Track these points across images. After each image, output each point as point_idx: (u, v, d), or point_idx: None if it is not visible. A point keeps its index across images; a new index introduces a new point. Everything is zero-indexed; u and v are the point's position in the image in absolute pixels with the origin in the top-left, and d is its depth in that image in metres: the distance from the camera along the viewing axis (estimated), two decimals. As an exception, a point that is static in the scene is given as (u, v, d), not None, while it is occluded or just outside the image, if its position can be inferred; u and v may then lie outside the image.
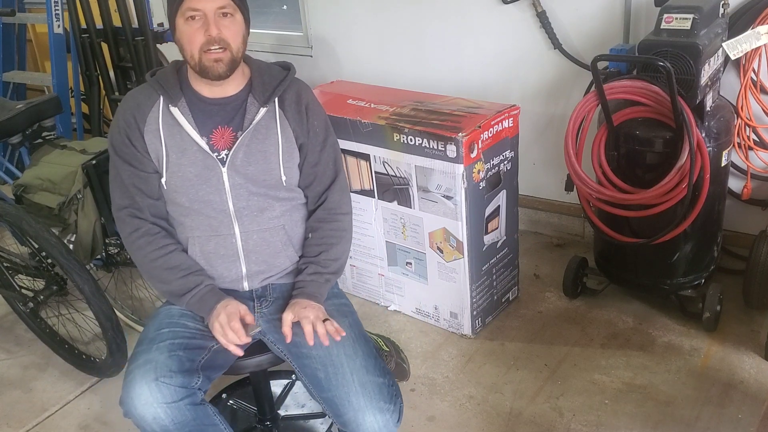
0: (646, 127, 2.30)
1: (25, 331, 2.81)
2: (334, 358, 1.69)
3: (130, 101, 1.77)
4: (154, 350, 1.67)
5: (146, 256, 1.76)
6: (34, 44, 4.54)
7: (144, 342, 1.72)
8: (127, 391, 1.60)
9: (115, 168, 1.78)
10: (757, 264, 2.45)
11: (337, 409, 1.67)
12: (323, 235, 1.83)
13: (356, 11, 3.39)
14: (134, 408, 1.58)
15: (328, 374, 1.68)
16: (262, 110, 1.77)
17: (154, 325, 1.76)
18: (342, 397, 1.65)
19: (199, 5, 1.63)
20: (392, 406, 1.67)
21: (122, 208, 1.78)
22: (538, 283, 2.92)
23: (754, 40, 2.32)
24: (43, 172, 2.46)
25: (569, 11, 2.82)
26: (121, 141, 1.75)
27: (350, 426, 1.66)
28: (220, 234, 1.79)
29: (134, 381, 1.60)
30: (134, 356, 1.69)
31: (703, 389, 2.27)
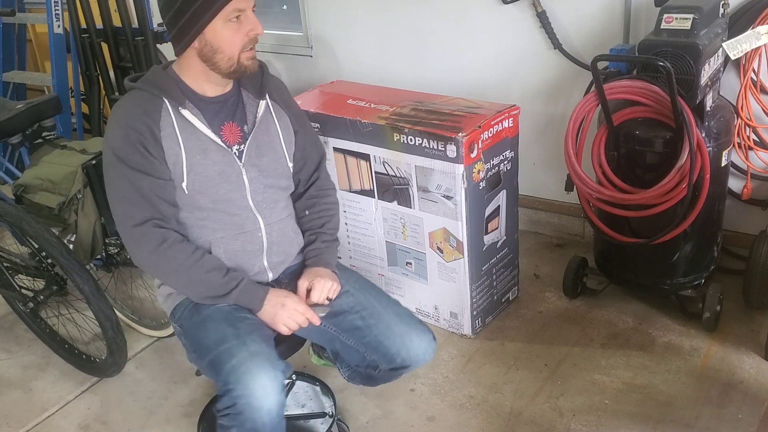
0: (646, 127, 2.30)
1: (25, 331, 2.81)
2: (365, 303, 1.84)
3: (134, 109, 1.69)
4: (251, 343, 1.65)
5: (182, 265, 1.70)
6: (34, 44, 4.54)
7: (228, 339, 1.66)
8: (246, 383, 1.57)
9: (128, 180, 1.67)
10: (757, 264, 2.45)
11: (383, 346, 1.79)
12: (321, 209, 1.95)
13: (356, 11, 3.39)
14: (255, 399, 1.57)
15: (365, 318, 1.81)
16: (262, 103, 1.83)
17: (218, 327, 1.70)
18: (384, 331, 1.79)
19: (245, 4, 1.64)
20: (426, 328, 1.84)
21: (144, 221, 1.68)
22: (538, 283, 2.92)
23: (754, 40, 2.32)
24: (43, 172, 2.46)
25: (569, 11, 2.82)
26: (133, 151, 1.66)
27: (401, 354, 1.78)
28: (246, 230, 1.81)
29: (251, 372, 1.58)
30: (228, 353, 1.62)
31: (703, 389, 2.27)
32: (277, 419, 1.62)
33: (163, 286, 1.89)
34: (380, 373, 1.88)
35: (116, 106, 1.75)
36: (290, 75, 3.77)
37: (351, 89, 2.85)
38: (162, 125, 1.69)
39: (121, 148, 1.68)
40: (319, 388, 2.35)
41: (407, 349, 1.79)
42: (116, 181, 1.70)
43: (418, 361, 1.82)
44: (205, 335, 1.72)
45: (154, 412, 2.42)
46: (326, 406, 2.28)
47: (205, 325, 1.74)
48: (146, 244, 1.69)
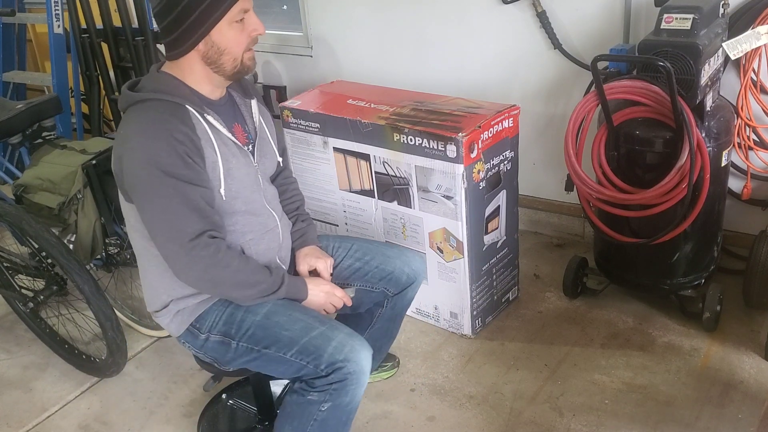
0: (646, 127, 2.30)
1: (25, 331, 2.81)
2: (355, 247, 2.03)
3: (170, 119, 1.61)
4: (338, 326, 1.75)
5: (236, 269, 1.68)
6: (34, 44, 4.53)
7: (315, 326, 1.71)
8: (355, 358, 1.67)
9: (178, 194, 1.60)
10: (757, 264, 2.45)
11: (386, 271, 1.99)
12: (292, 195, 2.07)
13: (356, 11, 3.39)
14: (363, 374, 1.69)
15: (359, 258, 2.00)
16: (254, 102, 1.86)
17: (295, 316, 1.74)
18: (382, 259, 2.00)
19: (248, 5, 1.64)
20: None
21: (199, 234, 1.63)
22: (538, 283, 2.92)
23: (754, 40, 2.32)
24: (43, 172, 2.47)
25: (569, 11, 2.82)
26: (181, 164, 1.60)
27: (405, 270, 2.01)
28: (269, 228, 1.86)
29: (356, 348, 1.69)
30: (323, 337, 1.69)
31: (703, 389, 2.27)
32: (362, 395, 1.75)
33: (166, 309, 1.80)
34: (387, 307, 2.06)
35: (138, 120, 1.64)
36: (290, 75, 3.77)
37: (351, 89, 2.85)
38: (199, 133, 1.65)
39: (166, 161, 1.58)
40: (319, 388, 2.35)
41: (408, 264, 2.02)
42: (164, 197, 1.60)
43: (419, 274, 2.06)
44: (281, 329, 1.72)
45: (154, 412, 2.42)
46: (326, 406, 2.28)
47: (273, 321, 1.74)
48: (203, 259, 1.63)
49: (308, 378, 1.71)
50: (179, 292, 1.78)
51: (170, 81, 1.70)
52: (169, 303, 1.80)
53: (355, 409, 1.76)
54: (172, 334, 1.86)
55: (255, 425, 2.19)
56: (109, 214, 2.45)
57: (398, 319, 2.16)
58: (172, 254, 1.65)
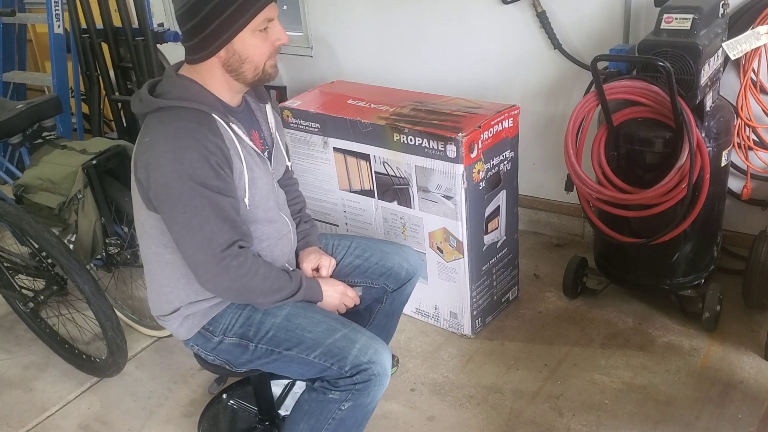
0: (646, 127, 2.30)
1: (25, 331, 2.81)
2: (353, 244, 2.05)
3: (200, 129, 1.59)
4: (360, 328, 1.77)
5: (264, 276, 1.70)
6: (34, 44, 4.53)
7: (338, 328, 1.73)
8: (380, 361, 1.70)
9: (211, 205, 1.59)
10: (757, 264, 2.45)
11: (385, 267, 2.01)
12: (294, 197, 2.06)
13: (356, 11, 3.39)
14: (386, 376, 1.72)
15: (358, 255, 2.02)
16: (269, 107, 1.86)
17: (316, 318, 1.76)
18: (381, 255, 2.02)
19: (273, 14, 1.63)
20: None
21: (230, 245, 1.62)
22: (538, 283, 2.92)
23: (754, 40, 2.32)
24: (43, 172, 2.47)
25: (569, 11, 2.82)
26: (214, 174, 1.59)
27: (404, 266, 2.03)
28: (283, 234, 1.87)
29: (379, 351, 1.71)
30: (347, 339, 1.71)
31: (703, 389, 2.27)
32: None
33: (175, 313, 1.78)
34: (386, 303, 2.08)
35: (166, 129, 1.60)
36: (290, 75, 3.77)
37: (351, 89, 2.85)
38: (227, 143, 1.64)
39: (200, 172, 1.57)
40: (319, 388, 2.35)
41: (407, 259, 2.05)
42: (197, 207, 1.58)
43: (418, 268, 2.09)
44: (304, 331, 1.73)
45: (154, 412, 2.42)
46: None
47: (294, 323, 1.75)
48: (234, 269, 1.63)
49: (331, 378, 1.72)
50: (192, 298, 1.76)
51: (194, 87, 1.66)
52: (179, 308, 1.78)
53: (372, 410, 1.77)
54: (180, 338, 1.84)
55: (255, 425, 2.19)
56: (110, 214, 2.45)
57: (396, 316, 2.17)
58: (202, 264, 1.63)
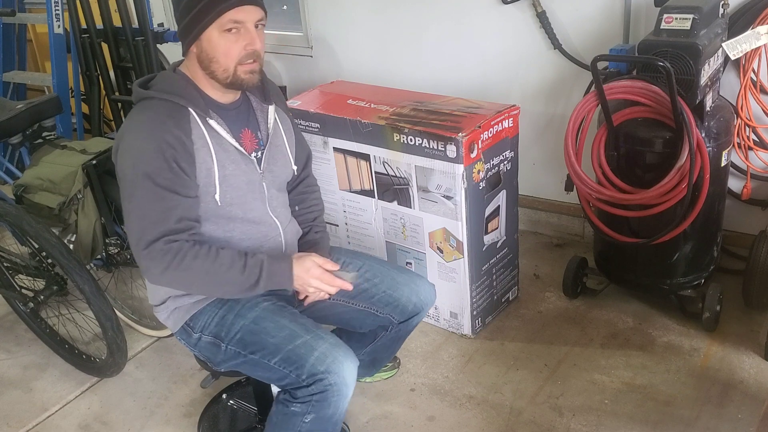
0: (646, 127, 2.30)
1: (25, 331, 2.81)
2: (365, 267, 1.94)
3: (164, 120, 1.61)
4: (324, 335, 1.71)
5: (199, 270, 1.63)
6: (34, 44, 4.54)
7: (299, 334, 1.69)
8: (337, 371, 1.64)
9: (151, 198, 1.60)
10: (757, 264, 2.45)
11: (393, 297, 1.91)
12: (310, 205, 2.02)
13: (356, 11, 3.39)
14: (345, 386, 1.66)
15: (369, 279, 1.92)
16: (271, 108, 1.83)
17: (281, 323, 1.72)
18: (391, 284, 1.92)
19: (243, 17, 1.60)
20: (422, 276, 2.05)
21: (156, 239, 1.60)
22: (538, 283, 2.92)
23: (754, 40, 2.32)
24: (43, 172, 2.47)
25: (569, 11, 2.82)
26: (165, 168, 1.59)
27: (412, 300, 1.93)
28: (270, 237, 1.83)
29: (339, 360, 1.65)
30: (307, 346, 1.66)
31: (703, 389, 2.27)
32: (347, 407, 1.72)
33: (164, 304, 1.82)
34: (391, 332, 2.00)
35: (139, 118, 1.65)
36: (290, 75, 3.77)
37: (351, 89, 2.85)
38: (194, 137, 1.64)
39: (151, 163, 1.58)
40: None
41: (416, 293, 1.94)
42: (138, 198, 1.61)
43: (427, 303, 1.98)
44: (268, 335, 1.71)
45: (154, 412, 2.42)
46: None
47: (260, 326, 1.73)
48: (159, 263, 1.61)
49: (291, 388, 1.70)
50: (176, 292, 1.78)
51: (180, 81, 1.69)
52: (167, 299, 1.81)
53: (339, 422, 1.73)
54: (170, 330, 1.88)
55: (255, 425, 2.19)
56: (109, 214, 2.45)
57: (401, 340, 2.12)
58: (137, 252, 1.64)
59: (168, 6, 3.97)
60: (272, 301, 1.80)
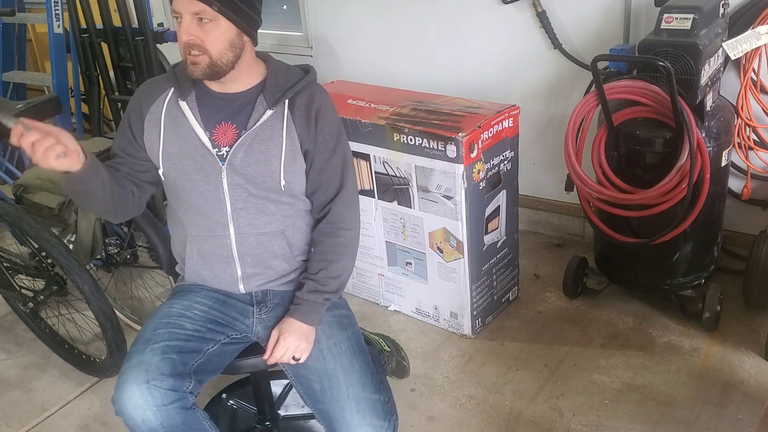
0: (646, 127, 2.30)
1: (25, 331, 2.81)
2: (330, 372, 1.68)
3: (143, 87, 1.81)
4: (148, 352, 1.64)
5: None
6: (34, 44, 4.53)
7: (139, 342, 1.69)
8: (119, 391, 1.59)
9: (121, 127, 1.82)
10: (757, 264, 2.45)
11: (330, 423, 1.67)
12: (324, 251, 1.76)
13: (356, 11, 3.39)
14: (125, 408, 1.58)
15: (323, 387, 1.68)
16: (268, 112, 1.73)
17: (151, 325, 1.74)
18: (336, 412, 1.65)
19: (178, 8, 1.62)
20: (386, 424, 1.66)
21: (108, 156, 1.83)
22: (538, 283, 2.92)
23: (754, 40, 2.32)
24: (43, 172, 2.46)
25: (569, 11, 2.82)
26: (125, 118, 1.80)
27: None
28: (216, 234, 1.76)
29: (126, 382, 1.59)
30: (129, 356, 1.66)
31: (703, 389, 2.27)
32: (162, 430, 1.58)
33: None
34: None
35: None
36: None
37: (351, 89, 2.85)
38: (152, 109, 1.75)
39: (127, 112, 1.80)
40: (319, 388, 2.34)
41: None
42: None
43: None
44: (141, 331, 1.75)
45: (154, 412, 2.42)
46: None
47: (148, 321, 1.78)
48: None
49: None
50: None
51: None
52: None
53: None
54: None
55: (255, 425, 2.19)
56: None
57: None
58: None
59: (168, 6, 3.97)
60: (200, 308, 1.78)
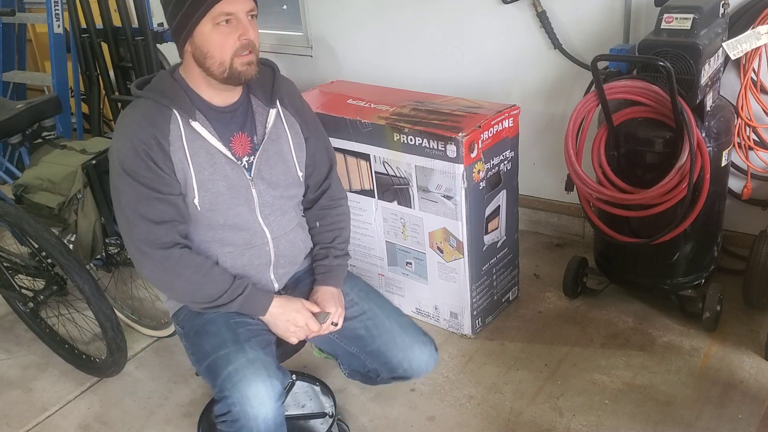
0: (646, 127, 2.30)
1: (25, 331, 2.81)
2: (369, 312, 1.84)
3: (141, 121, 1.63)
4: (249, 349, 1.63)
5: (187, 279, 1.66)
6: (34, 44, 4.54)
7: (226, 345, 1.65)
8: (241, 389, 1.56)
9: (135, 196, 1.62)
10: (757, 264, 2.45)
11: (385, 356, 1.80)
12: (332, 221, 1.91)
13: (356, 11, 3.39)
14: (249, 407, 1.56)
15: (368, 327, 1.82)
16: (272, 112, 1.77)
17: (220, 330, 1.69)
18: (388, 342, 1.80)
19: (234, 8, 1.58)
20: (428, 338, 1.85)
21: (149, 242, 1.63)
22: (538, 283, 2.92)
23: (754, 40, 2.32)
24: (43, 172, 2.46)
25: (569, 11, 2.82)
26: (142, 165, 1.61)
27: (403, 365, 1.80)
28: (254, 245, 1.77)
29: (248, 379, 1.57)
30: (225, 359, 1.62)
31: (703, 389, 2.27)
32: (274, 427, 1.61)
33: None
34: (380, 379, 1.90)
35: (123, 116, 1.68)
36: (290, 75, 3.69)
37: (351, 89, 2.85)
38: (171, 138, 1.63)
39: (128, 160, 1.62)
40: (319, 388, 2.35)
41: (409, 360, 1.80)
42: (122, 194, 1.64)
43: (420, 372, 1.84)
44: (205, 339, 1.71)
45: (154, 412, 2.42)
46: (326, 406, 2.28)
47: (205, 329, 1.72)
48: (147, 265, 1.66)
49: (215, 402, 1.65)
50: None
51: (170, 82, 1.69)
52: None
53: None
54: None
55: (255, 425, 2.19)
56: (109, 214, 2.45)
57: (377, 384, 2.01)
58: (128, 249, 1.70)
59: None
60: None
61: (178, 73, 1.72)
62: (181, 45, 1.65)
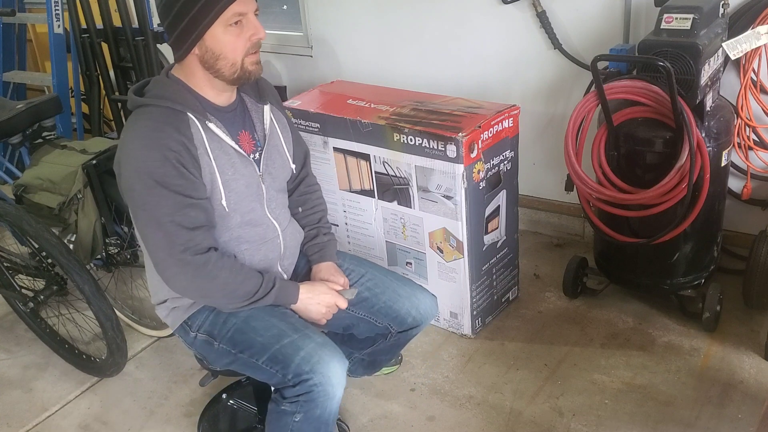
0: (646, 127, 2.30)
1: (25, 331, 2.81)
2: (368, 275, 1.96)
3: (166, 128, 1.60)
4: (313, 334, 1.71)
5: (224, 281, 1.67)
6: (34, 44, 4.53)
7: (287, 333, 1.69)
8: (322, 371, 1.63)
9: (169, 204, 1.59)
10: (757, 264, 2.45)
11: (393, 309, 1.92)
12: (314, 205, 2.02)
13: (356, 11, 3.39)
14: (331, 386, 1.64)
15: (370, 288, 1.93)
16: (266, 108, 1.82)
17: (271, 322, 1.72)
18: (392, 296, 1.92)
19: (246, 8, 1.59)
20: (425, 288, 2.02)
21: (184, 250, 1.62)
22: (538, 283, 2.92)
23: (754, 40, 2.32)
24: (43, 172, 2.47)
25: (569, 11, 2.82)
26: (173, 173, 1.58)
27: (411, 313, 1.93)
28: (268, 239, 1.82)
29: (326, 361, 1.65)
30: (293, 346, 1.67)
31: (703, 389, 2.27)
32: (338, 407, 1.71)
33: (164, 303, 1.84)
34: (390, 340, 2.00)
35: (136, 127, 1.63)
36: (290, 75, 3.77)
37: (351, 89, 2.85)
38: (196, 143, 1.63)
39: (159, 170, 1.57)
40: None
41: (416, 307, 1.94)
42: (155, 207, 1.60)
43: (427, 317, 1.98)
44: (256, 335, 1.72)
45: (154, 411, 2.42)
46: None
47: (250, 326, 1.74)
48: (191, 270, 1.64)
49: (280, 387, 1.70)
50: (174, 293, 1.78)
51: (174, 86, 1.67)
52: (167, 300, 1.83)
53: (329, 421, 1.71)
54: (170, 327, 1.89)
55: (255, 425, 2.19)
56: (109, 214, 2.45)
57: (401, 347, 2.14)
58: (161, 262, 1.65)
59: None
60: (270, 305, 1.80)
61: (174, 76, 1.70)
62: (187, 48, 1.62)
